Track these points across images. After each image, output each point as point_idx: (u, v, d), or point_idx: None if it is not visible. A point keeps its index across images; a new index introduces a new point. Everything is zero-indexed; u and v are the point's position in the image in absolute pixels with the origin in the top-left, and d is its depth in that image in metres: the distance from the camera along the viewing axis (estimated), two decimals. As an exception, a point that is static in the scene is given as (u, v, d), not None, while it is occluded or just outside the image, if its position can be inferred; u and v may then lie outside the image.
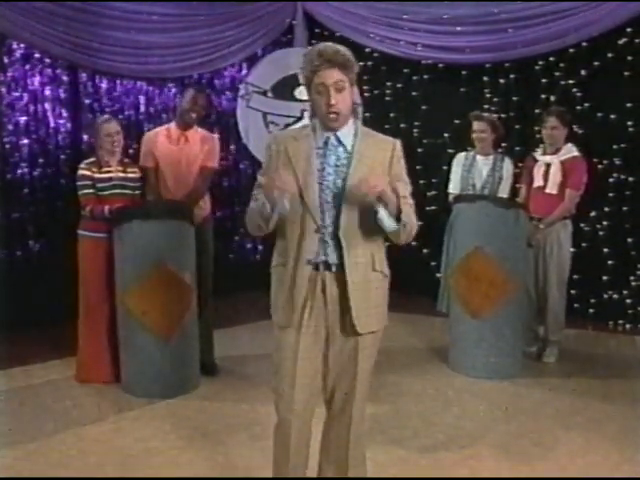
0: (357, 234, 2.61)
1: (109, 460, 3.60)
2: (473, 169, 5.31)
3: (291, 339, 2.68)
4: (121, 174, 4.70)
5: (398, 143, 2.72)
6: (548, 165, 5.16)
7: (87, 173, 4.63)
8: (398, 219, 2.54)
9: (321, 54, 2.52)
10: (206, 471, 3.49)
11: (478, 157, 5.33)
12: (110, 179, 4.65)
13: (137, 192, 4.78)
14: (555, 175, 5.11)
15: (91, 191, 4.61)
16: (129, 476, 3.44)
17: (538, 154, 5.29)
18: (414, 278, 7.02)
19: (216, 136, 5.10)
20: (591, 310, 6.36)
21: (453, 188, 5.39)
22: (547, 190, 5.14)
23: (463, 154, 5.43)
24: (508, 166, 5.30)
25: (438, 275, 5.76)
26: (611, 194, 6.23)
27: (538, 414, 4.25)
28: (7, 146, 5.88)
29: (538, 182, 5.20)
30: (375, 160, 2.63)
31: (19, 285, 5.85)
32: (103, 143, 4.67)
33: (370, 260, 2.65)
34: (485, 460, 3.61)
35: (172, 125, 4.93)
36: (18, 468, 3.50)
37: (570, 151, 5.16)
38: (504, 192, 5.26)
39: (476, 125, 5.30)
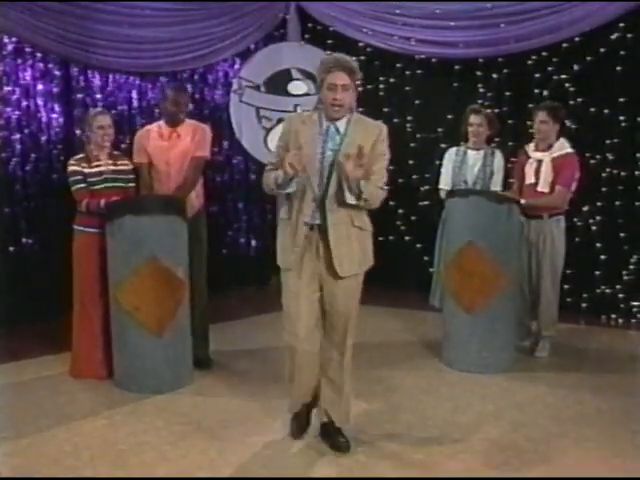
0: (340, 202, 3.37)
1: (102, 455, 3.60)
2: (464, 164, 5.31)
3: (293, 281, 3.47)
4: (112, 167, 4.68)
5: (384, 128, 3.49)
6: (540, 162, 5.13)
7: (77, 168, 4.61)
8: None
9: (336, 59, 3.37)
10: (198, 467, 3.49)
11: (469, 152, 5.33)
12: (101, 173, 4.63)
13: (130, 185, 4.77)
14: (547, 172, 5.08)
15: (83, 185, 4.59)
16: (121, 471, 3.44)
17: (530, 150, 5.26)
18: (407, 273, 7.06)
19: (207, 126, 5.06)
20: (584, 304, 6.39)
21: (444, 184, 5.39)
22: (539, 188, 5.11)
23: (454, 149, 5.43)
24: (499, 160, 5.31)
25: (431, 270, 5.77)
26: (604, 189, 6.25)
27: (530, 408, 4.26)
28: (-1, 141, 5.86)
29: (530, 179, 5.17)
30: (362, 142, 3.32)
31: (12, 281, 5.83)
32: (94, 136, 4.63)
33: (349, 220, 3.42)
34: (477, 454, 3.61)
35: (162, 123, 4.92)
36: (10, 464, 3.50)
37: (562, 148, 5.11)
38: (496, 186, 5.26)
39: (473, 119, 5.28)
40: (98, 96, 6.41)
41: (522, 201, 5.00)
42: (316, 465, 3.55)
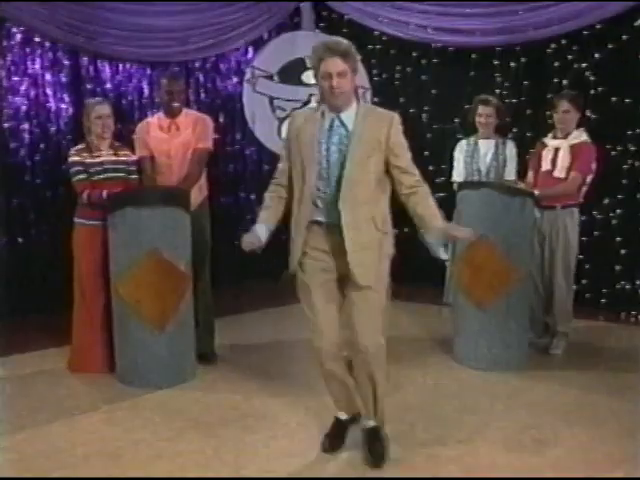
0: (356, 201, 3.12)
1: (97, 452, 3.53)
2: (476, 154, 5.31)
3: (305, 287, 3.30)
4: (112, 157, 4.61)
5: (396, 117, 3.21)
6: (557, 149, 5.00)
7: (77, 159, 4.55)
8: None
9: (326, 45, 3.09)
10: (193, 464, 3.41)
11: (480, 142, 5.33)
12: (101, 163, 4.56)
13: (133, 177, 4.69)
14: (564, 159, 4.95)
15: (84, 176, 4.53)
16: (114, 468, 3.37)
17: (548, 139, 5.13)
18: (420, 267, 6.90)
19: (208, 117, 4.97)
20: (603, 300, 6.21)
21: (457, 176, 5.36)
22: (555, 174, 4.98)
23: (464, 141, 5.43)
24: (511, 148, 5.33)
25: (446, 262, 5.63)
26: (624, 181, 6.06)
27: (540, 408, 4.10)
28: (7, 131, 5.80)
29: (546, 166, 5.04)
30: (372, 137, 3.13)
31: (20, 272, 5.81)
32: (93, 126, 4.56)
33: (371, 221, 3.16)
34: (481, 457, 3.48)
35: (161, 114, 4.83)
36: (3, 459, 3.45)
37: (580, 136, 4.99)
38: (510, 174, 5.26)
39: (482, 109, 5.29)
40: (108, 86, 6.36)
41: (536, 192, 4.86)
42: (315, 464, 3.45)
